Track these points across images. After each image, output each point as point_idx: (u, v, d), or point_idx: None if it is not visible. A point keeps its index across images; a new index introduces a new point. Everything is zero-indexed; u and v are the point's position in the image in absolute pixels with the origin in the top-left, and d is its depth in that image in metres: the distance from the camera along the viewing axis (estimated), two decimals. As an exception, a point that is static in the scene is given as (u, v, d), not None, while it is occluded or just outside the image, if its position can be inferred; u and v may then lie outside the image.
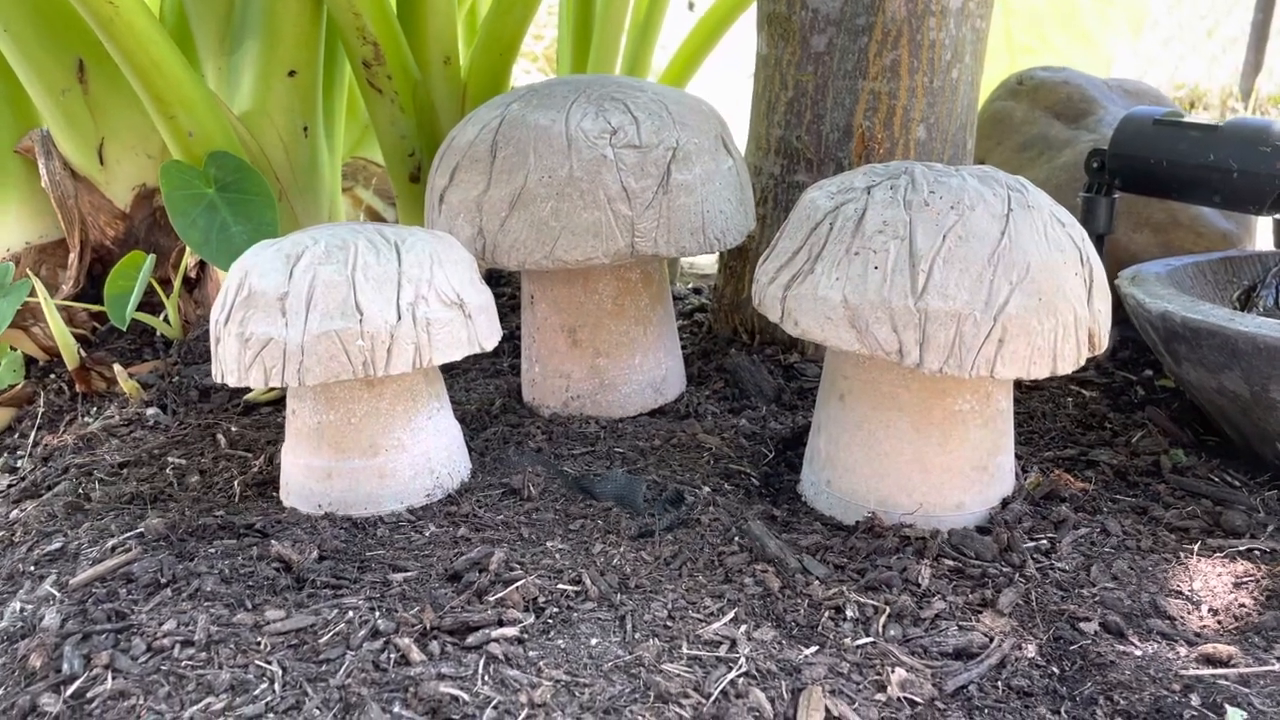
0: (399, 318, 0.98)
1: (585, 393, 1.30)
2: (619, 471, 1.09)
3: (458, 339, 1.02)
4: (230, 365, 1.00)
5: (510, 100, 1.24)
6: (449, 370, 1.48)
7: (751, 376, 1.37)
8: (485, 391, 1.39)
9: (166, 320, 1.48)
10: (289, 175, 1.41)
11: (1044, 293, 0.93)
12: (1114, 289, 1.21)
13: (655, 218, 1.17)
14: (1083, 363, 0.96)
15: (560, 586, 0.89)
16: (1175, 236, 1.51)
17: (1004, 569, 0.95)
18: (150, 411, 1.34)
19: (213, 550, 0.97)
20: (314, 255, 1.00)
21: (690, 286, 1.82)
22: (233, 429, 1.29)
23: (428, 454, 1.07)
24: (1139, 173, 1.39)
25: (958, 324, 0.92)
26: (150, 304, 1.51)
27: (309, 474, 1.06)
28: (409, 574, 0.92)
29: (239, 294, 1.00)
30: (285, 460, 1.09)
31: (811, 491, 1.09)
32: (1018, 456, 1.16)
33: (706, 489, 1.10)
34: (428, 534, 1.01)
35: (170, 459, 1.22)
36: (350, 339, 0.97)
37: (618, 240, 1.16)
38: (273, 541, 0.96)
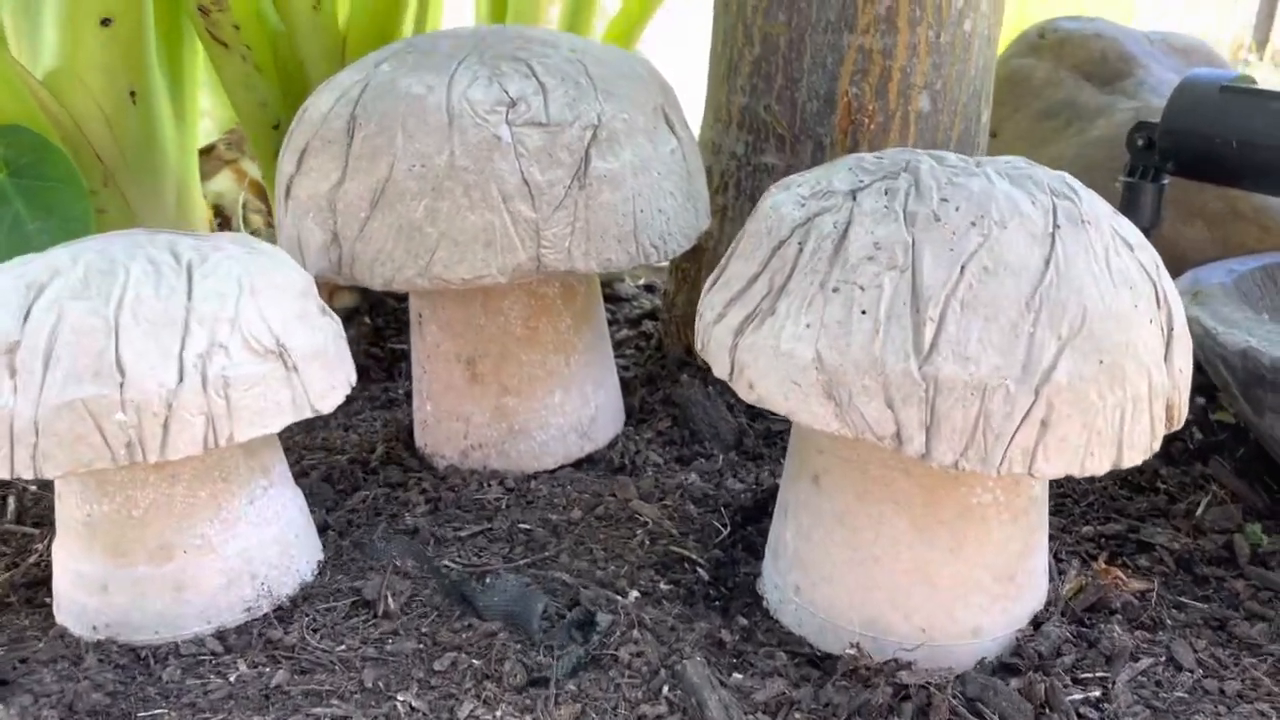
0: (180, 379, 0.69)
1: (489, 440, 1.00)
2: (511, 578, 0.80)
3: (275, 403, 0.73)
4: (-54, 443, 0.70)
5: (382, 59, 0.93)
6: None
7: (705, 415, 1.08)
8: (368, 431, 1.10)
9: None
10: (115, 154, 1.09)
11: (1106, 351, 0.64)
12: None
13: (568, 221, 0.87)
14: (1157, 448, 0.67)
15: (392, 796, 0.61)
16: (1235, 231, 1.21)
17: (1041, 742, 0.66)
18: (-69, 462, 1.04)
19: (-87, 715, 0.68)
20: (65, 285, 0.70)
21: (641, 283, 1.52)
22: (32, 488, 0.99)
23: (248, 554, 0.78)
24: (1200, 154, 1.10)
25: (982, 399, 0.62)
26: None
27: (79, 584, 0.76)
28: (181, 763, 0.64)
29: (-42, 341, 0.70)
30: (56, 559, 0.79)
31: (775, 597, 0.81)
32: (1049, 538, 0.88)
33: (634, 593, 0.81)
34: (232, 678, 0.72)
35: (-65, 536, 0.92)
36: (105, 412, 0.67)
37: (517, 252, 0.86)
38: (1, 704, 0.67)
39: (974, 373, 0.62)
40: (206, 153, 1.54)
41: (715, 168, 1.14)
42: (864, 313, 0.65)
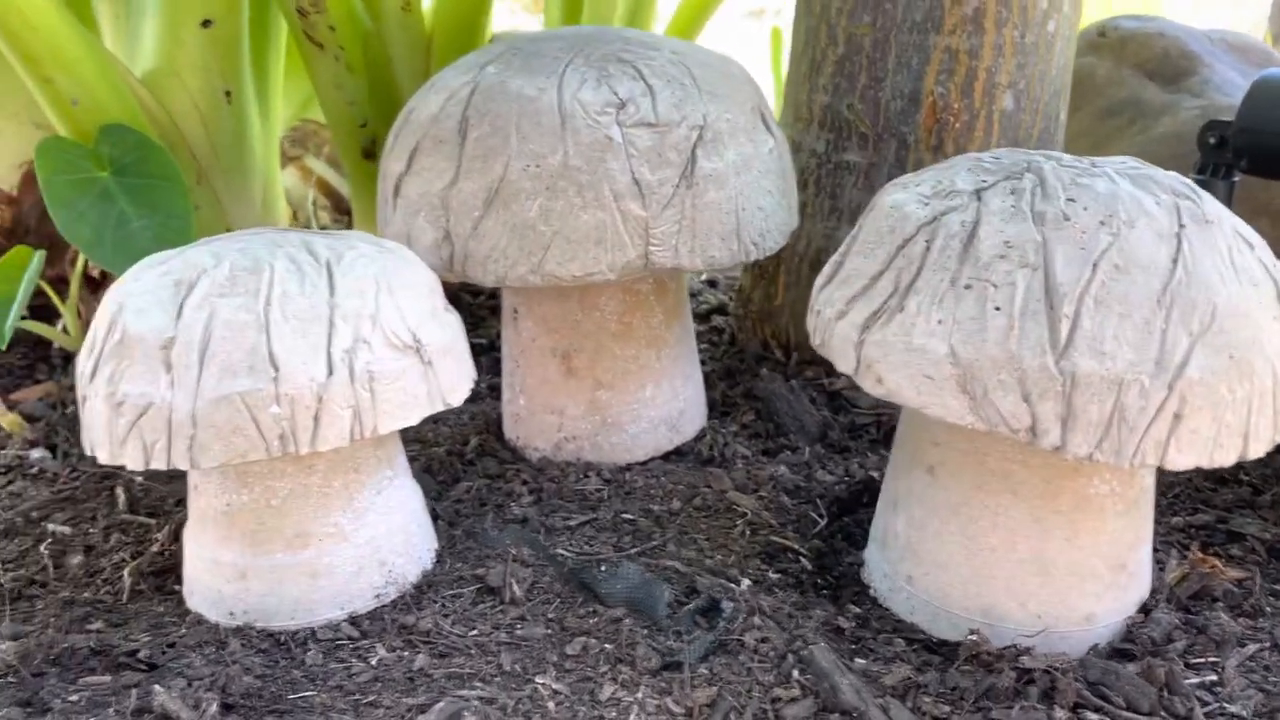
0: (330, 372, 0.71)
1: (583, 433, 1.03)
2: (631, 567, 0.82)
3: (414, 396, 0.75)
4: (99, 435, 0.73)
5: (486, 60, 0.95)
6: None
7: (789, 408, 1.10)
8: (457, 424, 1.12)
9: (65, 330, 1.20)
10: (208, 152, 1.12)
11: (1236, 346, 0.66)
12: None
13: (676, 219, 0.89)
14: (1279, 440, 0.70)
15: (556, 774, 0.63)
16: (1301, 227, 1.23)
17: (1166, 723, 0.69)
18: (35, 454, 1.07)
19: (75, 698, 0.70)
20: (213, 283, 0.72)
21: (703, 278, 1.54)
22: (138, 479, 1.01)
23: (376, 541, 0.80)
24: (1274, 152, 1.11)
25: (1118, 393, 0.65)
26: (46, 309, 1.22)
27: (217, 572, 0.79)
28: (343, 743, 0.66)
29: (110, 336, 0.73)
30: (188, 548, 0.82)
31: (885, 586, 0.83)
32: (1142, 528, 0.90)
33: (746, 581, 0.84)
34: (374, 662, 0.74)
35: (51, 525, 0.94)
36: (261, 405, 0.69)
37: (627, 250, 0.88)
38: (156, 686, 0.69)
39: (1110, 368, 0.65)
40: (272, 149, 1.56)
41: (795, 165, 1.16)
42: (998, 309, 0.67)
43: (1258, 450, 0.68)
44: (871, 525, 0.87)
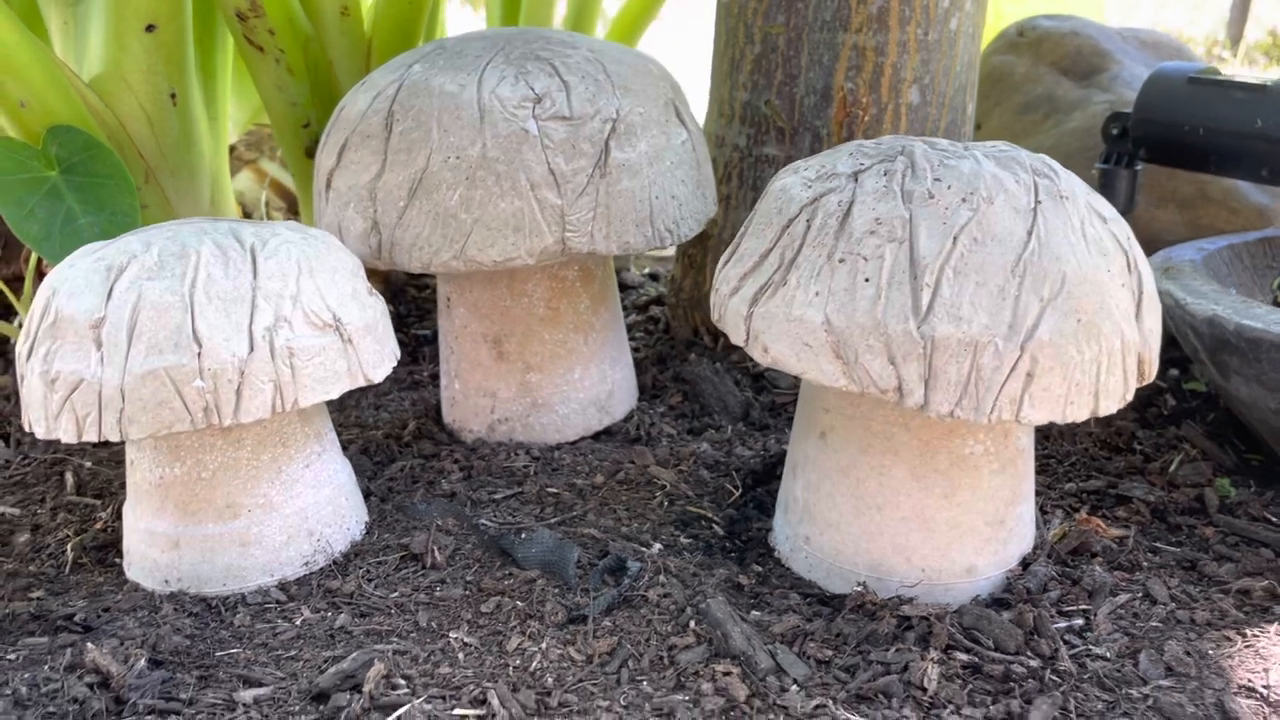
0: (251, 348, 0.76)
1: (515, 414, 1.08)
2: (546, 532, 0.87)
3: (334, 371, 0.80)
4: (36, 411, 0.78)
5: (413, 60, 1.00)
6: (358, 382, 1.25)
7: (714, 389, 1.15)
8: (398, 410, 1.17)
9: (21, 326, 1.24)
10: (155, 152, 1.16)
11: (1084, 311, 0.72)
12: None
13: (591, 206, 0.94)
14: (1130, 397, 0.75)
15: (458, 712, 0.68)
16: (1205, 213, 1.30)
17: (1031, 662, 0.74)
18: (-11, 443, 1.11)
19: (13, 657, 0.75)
20: (142, 267, 0.77)
21: (645, 272, 1.59)
22: (86, 464, 1.06)
23: (305, 512, 0.85)
24: (1170, 141, 1.18)
25: (974, 354, 0.70)
26: (7, 307, 1.27)
27: (151, 542, 0.83)
28: (262, 691, 0.71)
29: (44, 318, 0.77)
30: (126, 520, 0.86)
31: (787, 547, 0.89)
32: (1035, 493, 0.96)
33: (658, 545, 0.89)
34: (299, 622, 0.79)
35: (1, 508, 0.99)
36: (185, 379, 0.74)
37: (545, 236, 0.93)
38: (89, 645, 0.73)
39: (966, 331, 0.70)
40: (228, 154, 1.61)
41: (719, 159, 1.22)
42: (867, 280, 0.73)
43: (1109, 407, 0.74)
44: (779, 492, 0.92)
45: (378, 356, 0.84)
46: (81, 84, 1.11)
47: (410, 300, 1.39)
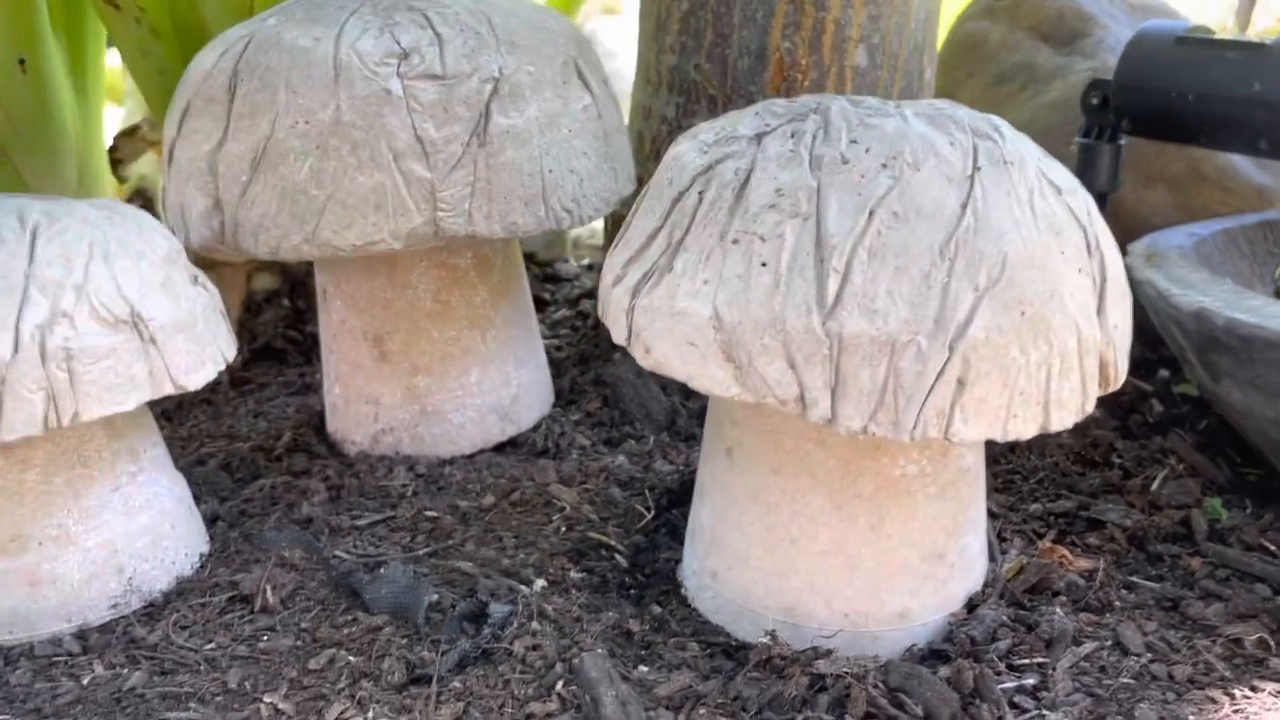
0: (15, 350, 0.62)
1: (401, 424, 0.94)
2: (399, 568, 0.73)
3: (128, 378, 0.66)
4: None
5: (271, 14, 0.86)
6: (239, 384, 1.11)
7: (636, 394, 1.01)
8: (279, 418, 1.03)
9: None
10: (6, 126, 1.03)
11: (1029, 302, 0.57)
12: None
13: (468, 181, 0.80)
14: (1091, 409, 0.61)
15: (233, 809, 0.54)
16: (1198, 194, 1.15)
17: (968, 736, 0.60)
18: None
19: None
20: (-107, 251, 0.63)
21: (584, 263, 1.45)
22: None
23: (112, 544, 0.71)
24: (1155, 110, 1.04)
25: (891, 356, 0.56)
26: None
27: (-76, 581, 0.70)
28: (6, 777, 0.57)
29: None
30: (-95, 555, 0.73)
31: (694, 584, 0.75)
32: (992, 515, 0.82)
33: (540, 582, 0.75)
34: (85, 681, 0.65)
35: None
36: (-71, 388, 0.61)
37: (412, 215, 0.79)
38: None
39: (881, 328, 0.56)
40: (130, 134, 1.47)
41: (646, 133, 1.08)
42: (764, 265, 0.59)
43: (1064, 421, 0.59)
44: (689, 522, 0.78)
45: (194, 359, 0.70)
46: (-90, 47, 0.97)
47: (310, 294, 1.25)
